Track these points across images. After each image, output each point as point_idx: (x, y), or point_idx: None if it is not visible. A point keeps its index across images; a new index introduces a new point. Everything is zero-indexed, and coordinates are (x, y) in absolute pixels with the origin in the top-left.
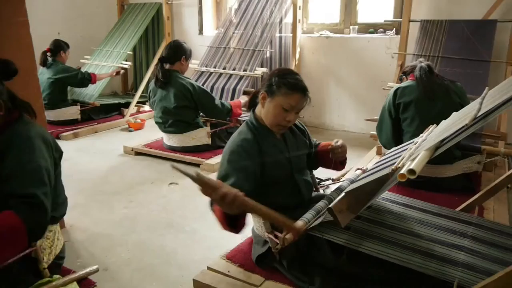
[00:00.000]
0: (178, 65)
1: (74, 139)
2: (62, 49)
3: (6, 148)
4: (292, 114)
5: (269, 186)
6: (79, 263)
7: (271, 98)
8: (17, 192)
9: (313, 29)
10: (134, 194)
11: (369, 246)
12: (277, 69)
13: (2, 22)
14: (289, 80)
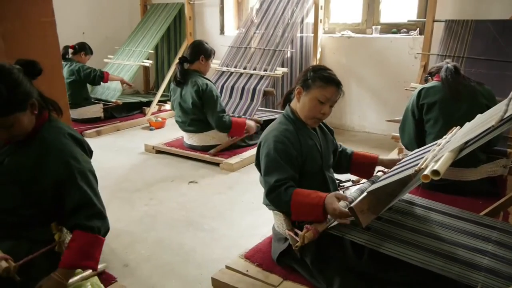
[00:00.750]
0: (197, 64)
1: (97, 136)
2: (84, 51)
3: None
4: (327, 106)
5: (301, 178)
6: (101, 258)
7: (306, 91)
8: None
9: (335, 29)
10: (154, 192)
11: (390, 248)
12: (311, 66)
13: (30, 22)
14: (324, 74)
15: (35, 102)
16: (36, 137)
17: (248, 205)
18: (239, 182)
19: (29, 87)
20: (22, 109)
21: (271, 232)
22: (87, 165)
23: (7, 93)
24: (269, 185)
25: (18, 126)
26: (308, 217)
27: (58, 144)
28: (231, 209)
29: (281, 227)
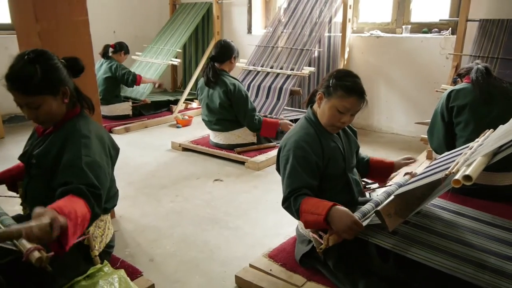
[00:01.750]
0: (227, 64)
1: (125, 133)
2: (123, 50)
3: (64, 142)
4: (347, 116)
5: (323, 181)
6: (127, 252)
7: (327, 99)
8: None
9: (364, 28)
10: (180, 189)
11: (417, 253)
12: (336, 70)
13: (65, 21)
14: (346, 83)
15: (67, 91)
16: (62, 129)
17: (273, 204)
18: (264, 181)
19: (65, 77)
20: (53, 93)
21: (295, 232)
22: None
23: (41, 74)
24: (284, 195)
25: (45, 108)
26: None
27: (77, 136)
28: (255, 208)
29: (304, 228)
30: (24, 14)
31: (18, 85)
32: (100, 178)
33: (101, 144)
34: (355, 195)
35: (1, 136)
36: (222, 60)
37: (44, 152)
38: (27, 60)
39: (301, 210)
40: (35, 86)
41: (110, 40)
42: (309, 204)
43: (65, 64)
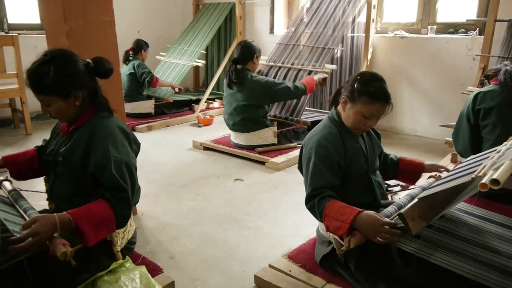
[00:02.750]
0: (250, 64)
1: (147, 131)
2: (142, 48)
3: (90, 139)
4: (372, 120)
5: (346, 182)
6: (148, 249)
7: (352, 104)
8: (109, 185)
9: (388, 28)
10: (201, 188)
11: (441, 258)
12: (360, 74)
13: (92, 21)
14: (371, 89)
15: (79, 95)
16: (87, 126)
17: (293, 205)
18: (285, 182)
19: (81, 80)
20: (63, 95)
21: (315, 234)
22: (125, 156)
23: (54, 76)
24: (307, 194)
25: (55, 108)
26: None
27: (104, 133)
28: (275, 208)
29: (325, 229)
30: (53, 15)
31: (31, 82)
32: (127, 178)
33: (126, 139)
34: (377, 197)
35: (29, 132)
36: (244, 62)
37: (70, 149)
38: (44, 61)
39: (325, 214)
40: (46, 86)
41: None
42: (334, 209)
43: (90, 66)
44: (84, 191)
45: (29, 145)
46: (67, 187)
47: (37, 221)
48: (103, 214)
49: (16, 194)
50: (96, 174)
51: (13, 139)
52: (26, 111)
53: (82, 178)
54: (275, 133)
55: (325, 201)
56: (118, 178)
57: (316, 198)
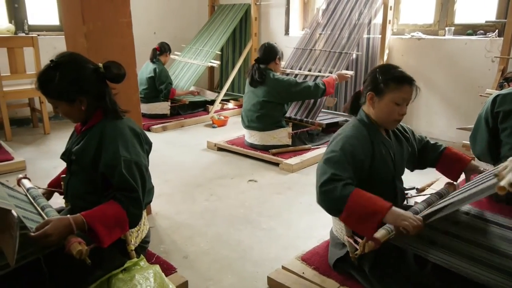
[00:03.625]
0: (272, 65)
1: (162, 132)
2: (167, 51)
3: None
4: (404, 106)
5: (369, 187)
6: (162, 248)
7: (380, 97)
8: (120, 185)
9: (404, 30)
10: (214, 188)
11: (457, 264)
12: (377, 67)
13: (109, 23)
14: (395, 74)
15: (84, 100)
16: (98, 126)
17: (306, 207)
18: (298, 183)
19: (86, 86)
20: (67, 100)
21: (328, 236)
22: (135, 157)
23: (58, 82)
24: (326, 176)
25: (62, 111)
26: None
27: (114, 133)
28: (289, 210)
29: (339, 232)
30: (72, 16)
31: (39, 86)
32: (138, 177)
33: (137, 140)
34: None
35: (47, 132)
36: (267, 62)
37: (82, 149)
38: (50, 66)
39: (350, 199)
40: (51, 91)
41: (151, 41)
42: (362, 196)
43: (100, 71)
44: (97, 190)
45: (47, 144)
46: (81, 186)
47: (50, 223)
48: (116, 215)
49: (35, 191)
50: (107, 174)
51: (32, 138)
52: (45, 111)
53: (94, 177)
54: (290, 134)
55: (351, 187)
56: (129, 178)
57: (340, 182)
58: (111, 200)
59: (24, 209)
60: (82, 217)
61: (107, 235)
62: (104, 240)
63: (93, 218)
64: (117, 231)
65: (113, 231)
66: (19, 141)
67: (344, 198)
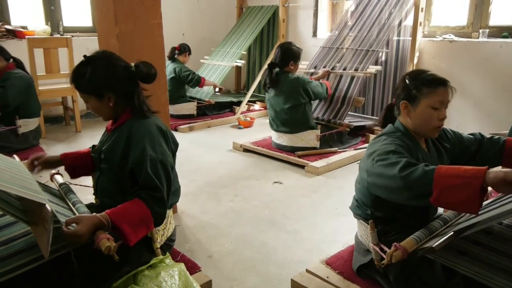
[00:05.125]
0: (288, 68)
1: (189, 132)
2: (187, 51)
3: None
4: (443, 110)
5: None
6: (187, 247)
7: (414, 104)
8: (145, 184)
9: (436, 32)
10: (240, 189)
11: (489, 277)
12: (406, 74)
13: (140, 24)
14: (426, 78)
15: (112, 97)
16: (126, 125)
17: (332, 210)
18: (324, 186)
19: (115, 83)
20: (97, 95)
21: (353, 241)
22: (161, 156)
23: (89, 77)
24: (401, 163)
25: (92, 106)
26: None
27: (141, 132)
28: (314, 213)
29: (365, 237)
30: (105, 18)
31: (72, 80)
32: (163, 177)
33: (164, 139)
34: (429, 220)
35: (79, 129)
36: (282, 65)
37: (111, 147)
38: (83, 62)
39: (437, 173)
40: (82, 86)
41: (180, 42)
42: (448, 168)
43: (130, 70)
44: (125, 189)
45: (78, 141)
46: (109, 184)
47: (81, 222)
48: (141, 213)
49: (66, 187)
50: (135, 170)
51: (64, 135)
52: (77, 109)
53: (122, 176)
54: (318, 137)
55: (430, 166)
56: (154, 177)
57: (418, 165)
58: (136, 199)
59: (56, 204)
60: (107, 216)
61: (133, 234)
62: (131, 238)
63: (119, 218)
64: (143, 229)
65: (138, 230)
66: (52, 138)
67: (430, 173)
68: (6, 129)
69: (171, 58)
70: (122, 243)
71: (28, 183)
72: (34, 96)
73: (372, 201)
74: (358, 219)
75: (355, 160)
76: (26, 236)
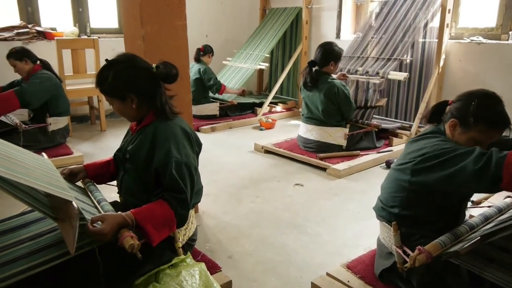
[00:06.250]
0: (326, 68)
1: (211, 132)
2: (210, 52)
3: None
4: (485, 145)
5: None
6: (208, 247)
7: (464, 129)
8: (169, 186)
9: (463, 34)
10: (260, 190)
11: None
12: (476, 95)
13: (165, 25)
14: (493, 119)
15: (135, 99)
16: (151, 126)
17: (354, 214)
18: (346, 190)
19: (137, 85)
20: (120, 98)
21: (375, 245)
22: (185, 158)
23: (111, 80)
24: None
25: (116, 108)
26: None
27: (166, 134)
28: (335, 216)
29: (387, 240)
30: (132, 20)
31: (96, 84)
32: (187, 179)
33: (188, 141)
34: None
35: (104, 129)
36: (320, 65)
37: (136, 148)
38: (105, 66)
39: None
40: (105, 89)
41: (203, 43)
42: None
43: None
44: (148, 188)
45: (103, 140)
46: (133, 184)
47: (105, 221)
48: (165, 215)
49: (91, 185)
50: (159, 170)
51: (89, 134)
52: (102, 109)
53: (146, 176)
54: (346, 135)
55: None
56: (178, 179)
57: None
58: (160, 200)
59: (82, 201)
60: (132, 216)
61: (156, 234)
62: (154, 239)
63: (143, 217)
64: (166, 230)
65: (161, 231)
66: (78, 136)
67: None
68: (37, 127)
69: (196, 60)
70: (145, 242)
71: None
72: (62, 95)
73: (403, 200)
74: (381, 221)
75: (377, 164)
76: (53, 232)
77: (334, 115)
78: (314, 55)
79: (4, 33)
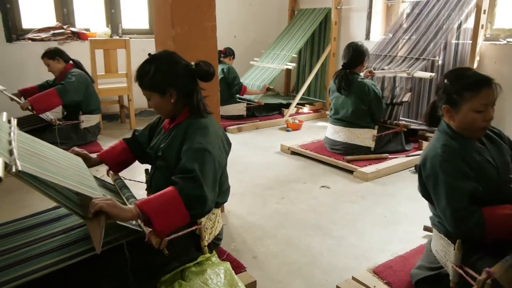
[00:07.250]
0: (359, 68)
1: (238, 132)
2: (232, 55)
3: (184, 135)
4: (488, 110)
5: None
6: (233, 246)
7: (456, 109)
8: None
9: (499, 35)
10: (286, 191)
11: None
12: (445, 75)
13: (195, 26)
14: (468, 81)
15: (174, 93)
16: (184, 124)
17: (381, 218)
18: (373, 193)
19: (177, 80)
20: (159, 92)
21: (403, 250)
22: (209, 145)
23: (152, 74)
24: (451, 218)
25: (154, 102)
26: None
27: (196, 127)
28: (362, 220)
29: (441, 254)
30: (162, 20)
31: (136, 78)
32: (205, 165)
33: (216, 137)
34: None
35: (133, 127)
36: (353, 66)
37: (168, 145)
38: (147, 60)
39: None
40: (146, 82)
41: (231, 44)
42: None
43: (191, 68)
44: None
45: None
46: (164, 181)
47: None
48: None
49: (121, 182)
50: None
51: (119, 132)
52: (132, 108)
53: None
54: (374, 137)
55: (477, 213)
56: (192, 159)
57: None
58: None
59: None
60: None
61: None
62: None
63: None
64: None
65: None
66: (108, 134)
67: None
68: (70, 124)
69: (219, 61)
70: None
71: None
72: (94, 93)
73: None
74: (438, 231)
75: (405, 168)
76: (83, 226)
77: (364, 117)
78: (343, 56)
79: (41, 33)
